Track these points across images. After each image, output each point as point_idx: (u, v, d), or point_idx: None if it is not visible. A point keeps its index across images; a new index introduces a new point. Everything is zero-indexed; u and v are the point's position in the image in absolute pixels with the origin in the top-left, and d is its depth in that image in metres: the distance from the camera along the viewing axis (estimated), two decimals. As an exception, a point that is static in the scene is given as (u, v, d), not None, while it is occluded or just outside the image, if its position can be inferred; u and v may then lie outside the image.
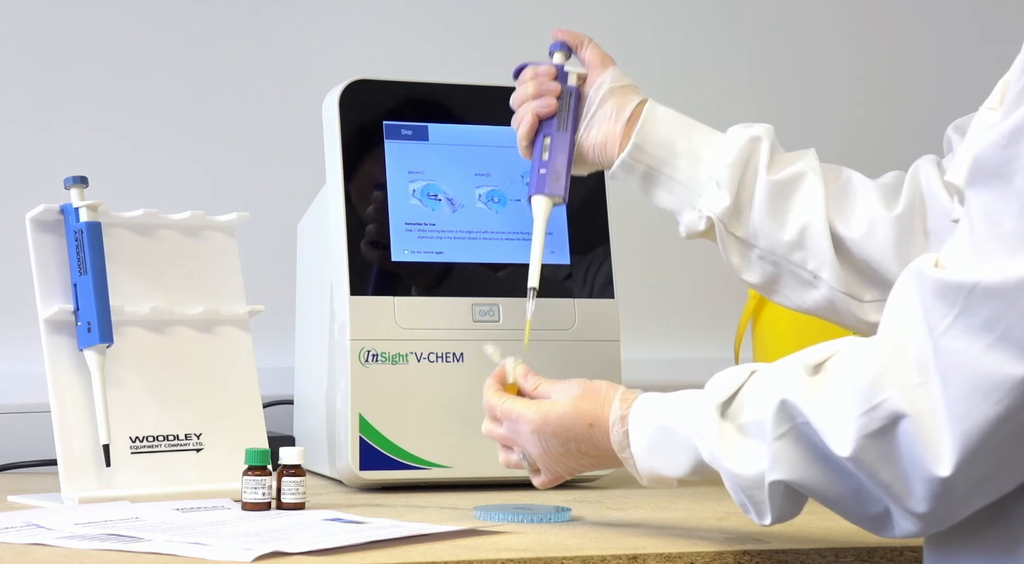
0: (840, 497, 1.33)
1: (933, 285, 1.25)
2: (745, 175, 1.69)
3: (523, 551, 1.44)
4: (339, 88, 1.95)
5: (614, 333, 1.97)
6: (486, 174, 1.98)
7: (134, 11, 2.33)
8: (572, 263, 1.97)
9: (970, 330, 1.23)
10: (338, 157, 1.93)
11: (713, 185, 1.69)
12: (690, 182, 1.71)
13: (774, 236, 1.68)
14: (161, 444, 1.80)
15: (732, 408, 1.40)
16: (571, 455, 1.57)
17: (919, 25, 2.76)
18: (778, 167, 1.70)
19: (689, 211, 1.72)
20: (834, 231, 1.67)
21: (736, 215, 1.69)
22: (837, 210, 1.68)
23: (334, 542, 1.43)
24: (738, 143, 1.70)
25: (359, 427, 1.88)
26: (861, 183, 1.70)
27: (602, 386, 1.56)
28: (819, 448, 1.31)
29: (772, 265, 1.70)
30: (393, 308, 1.91)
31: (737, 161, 1.69)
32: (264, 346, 1.98)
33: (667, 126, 1.73)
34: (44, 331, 1.76)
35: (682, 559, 1.47)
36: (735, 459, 1.38)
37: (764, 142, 1.70)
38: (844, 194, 1.69)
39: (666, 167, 1.72)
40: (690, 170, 1.72)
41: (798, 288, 1.70)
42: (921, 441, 1.24)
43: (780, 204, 1.68)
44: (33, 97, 2.29)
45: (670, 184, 1.72)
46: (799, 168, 1.69)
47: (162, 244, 1.85)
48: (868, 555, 1.53)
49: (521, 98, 1.79)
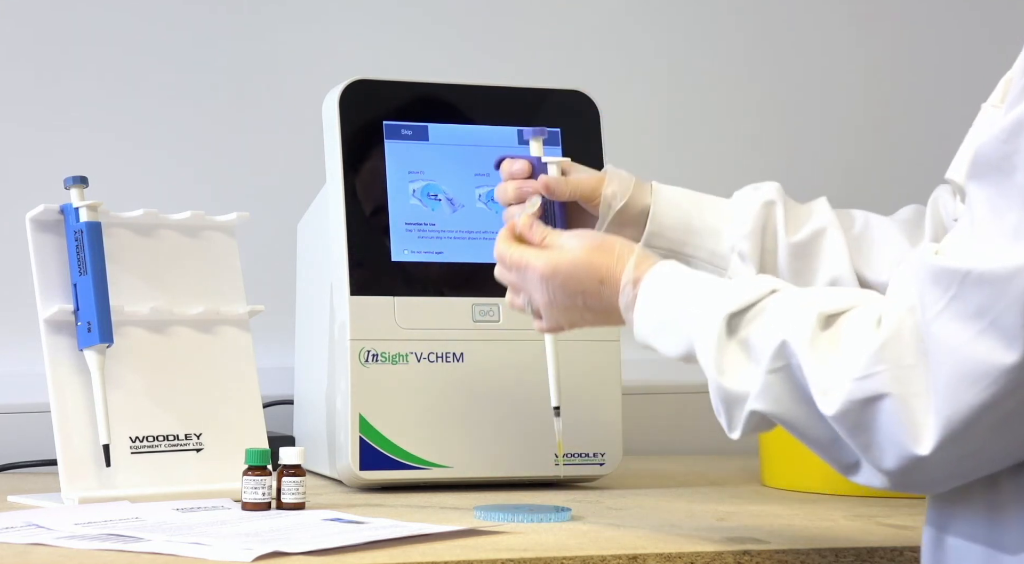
0: (816, 440, 1.34)
1: (930, 270, 1.26)
2: (765, 243, 1.70)
3: (523, 551, 1.44)
4: (339, 88, 1.95)
5: (614, 333, 1.97)
6: (486, 174, 1.98)
7: (134, 11, 2.33)
8: (572, 263, 1.97)
9: (961, 316, 1.24)
10: (338, 157, 1.93)
11: (736, 258, 1.70)
12: (712, 257, 1.72)
13: None
14: (161, 444, 1.80)
15: (740, 322, 1.39)
16: (576, 309, 1.55)
17: (920, 24, 2.76)
18: (795, 227, 1.70)
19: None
20: (862, 279, 1.68)
21: None
22: (860, 258, 1.69)
23: (334, 542, 1.43)
24: (752, 211, 1.70)
25: (359, 427, 1.88)
26: (879, 225, 1.71)
27: (616, 242, 1.53)
28: (807, 394, 1.32)
29: None
30: (393, 308, 1.91)
31: (755, 231, 1.70)
32: (264, 346, 1.98)
33: (677, 207, 1.73)
34: (44, 331, 1.76)
35: (682, 559, 1.47)
36: (725, 372, 1.38)
37: (778, 206, 1.70)
38: (864, 240, 1.70)
39: (686, 247, 1.73)
40: (710, 246, 1.72)
41: None
42: (902, 421, 1.26)
43: (806, 265, 1.69)
44: (33, 97, 2.29)
45: (693, 262, 1.72)
46: (817, 225, 1.70)
47: (162, 244, 1.85)
48: (868, 555, 1.53)
49: (504, 199, 1.76)
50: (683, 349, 1.44)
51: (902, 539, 1.58)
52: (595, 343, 1.93)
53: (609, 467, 1.96)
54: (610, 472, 1.96)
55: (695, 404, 2.29)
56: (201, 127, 2.36)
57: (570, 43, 1.92)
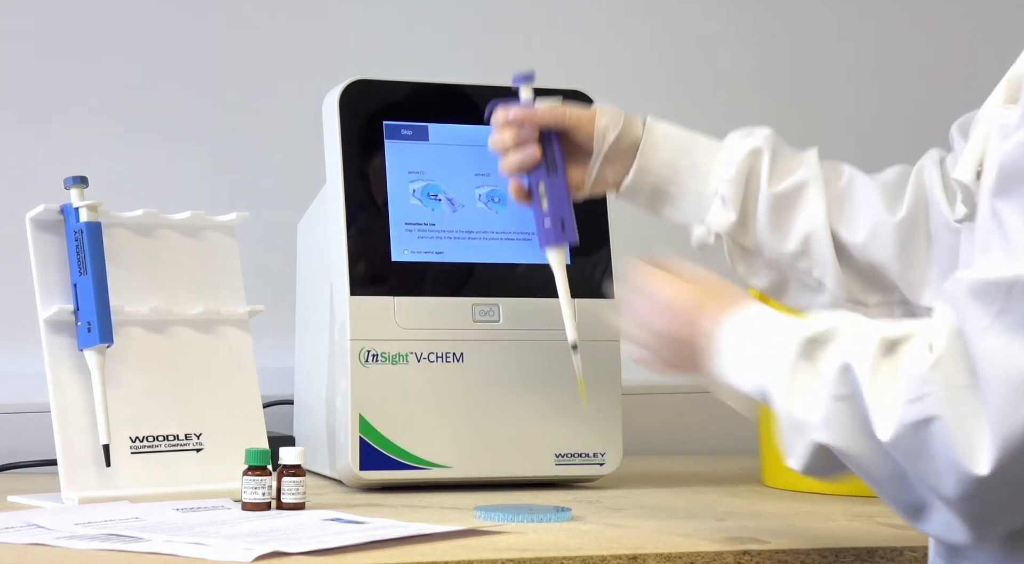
0: (881, 478, 1.30)
1: (969, 287, 1.24)
2: (748, 189, 1.72)
3: (523, 551, 1.44)
4: (339, 88, 1.95)
5: (614, 333, 1.96)
6: (486, 174, 1.98)
7: (134, 11, 2.33)
8: (572, 263, 1.97)
9: (1010, 328, 1.21)
10: (338, 157, 1.93)
11: (719, 201, 1.72)
12: (696, 198, 1.74)
13: (778, 247, 1.71)
14: (161, 444, 1.80)
15: (815, 348, 1.34)
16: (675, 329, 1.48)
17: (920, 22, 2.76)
18: (779, 178, 1.72)
19: (698, 226, 1.75)
20: (837, 237, 1.69)
21: (742, 228, 1.72)
22: (839, 215, 1.70)
23: (334, 542, 1.43)
24: (738, 157, 1.72)
25: (359, 427, 1.88)
26: (863, 185, 1.71)
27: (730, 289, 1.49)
28: (868, 424, 1.28)
29: (778, 272, 1.73)
30: (393, 308, 1.91)
31: (739, 176, 1.71)
32: (264, 346, 1.97)
33: (668, 145, 1.75)
34: (44, 331, 1.76)
35: (682, 559, 1.47)
36: (794, 397, 1.33)
37: (764, 154, 1.72)
38: (846, 198, 1.71)
39: (671, 186, 1.75)
40: (695, 187, 1.74)
41: (805, 293, 1.72)
42: (957, 441, 1.23)
43: (783, 216, 1.71)
44: (33, 97, 2.29)
45: (677, 202, 1.75)
46: (800, 177, 1.71)
47: (162, 244, 1.85)
48: (868, 555, 1.53)
49: (501, 146, 1.78)
50: (756, 381, 1.39)
51: (902, 539, 1.58)
52: (595, 343, 1.93)
53: (609, 467, 1.96)
54: (610, 472, 1.96)
55: (695, 404, 2.30)
56: (201, 127, 2.36)
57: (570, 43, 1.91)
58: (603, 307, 1.85)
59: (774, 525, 1.68)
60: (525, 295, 1.95)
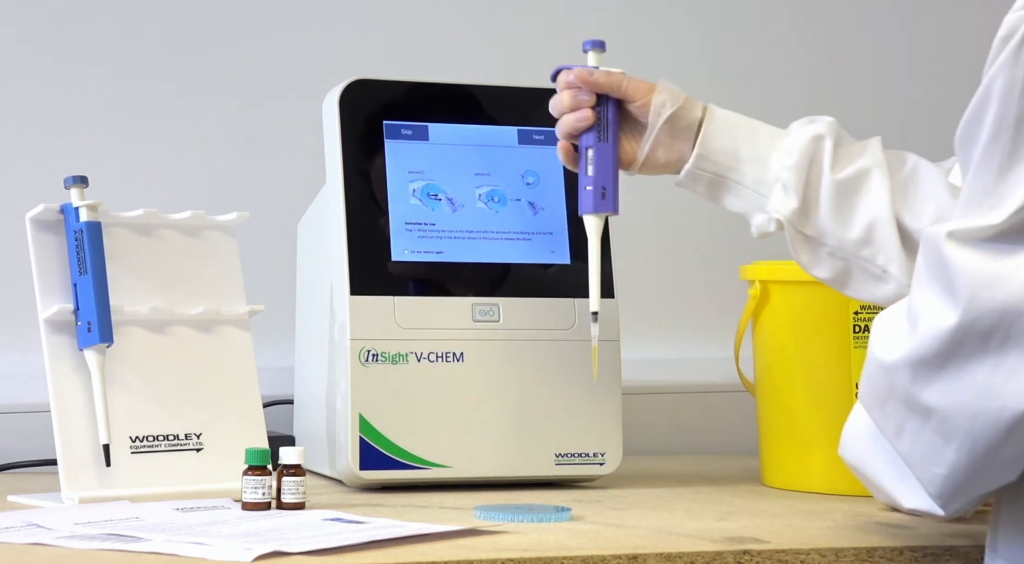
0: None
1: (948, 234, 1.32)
2: (810, 175, 1.71)
3: (523, 551, 1.44)
4: (339, 88, 1.95)
5: (614, 333, 1.97)
6: (486, 174, 1.98)
7: (134, 11, 2.33)
8: (572, 263, 1.97)
9: None
10: (338, 157, 1.93)
11: (780, 188, 1.71)
12: (757, 186, 1.73)
13: (842, 235, 1.70)
14: (161, 444, 1.80)
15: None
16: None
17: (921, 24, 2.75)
18: (842, 164, 1.71)
19: (759, 214, 1.74)
20: (901, 224, 1.69)
21: (804, 216, 1.71)
22: (903, 202, 1.69)
23: (334, 542, 1.43)
24: (800, 144, 1.71)
25: (359, 427, 1.88)
26: (927, 171, 1.71)
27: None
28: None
29: (842, 261, 1.71)
30: (393, 308, 1.90)
31: (801, 163, 1.71)
32: (264, 346, 1.97)
33: (729, 132, 1.75)
34: (44, 331, 1.76)
35: (682, 559, 1.47)
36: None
37: (827, 141, 1.71)
38: (910, 185, 1.70)
39: (732, 173, 1.74)
40: (756, 174, 1.73)
41: (869, 282, 1.71)
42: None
43: (846, 203, 1.70)
44: (33, 97, 2.29)
45: (738, 189, 1.74)
46: (863, 164, 1.71)
47: (162, 244, 1.85)
48: (868, 555, 1.53)
49: (558, 109, 1.80)
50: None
51: (902, 539, 1.58)
52: (595, 343, 1.93)
53: (609, 467, 1.96)
54: (610, 472, 1.96)
55: (695, 404, 2.30)
56: (201, 127, 2.35)
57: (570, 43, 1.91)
58: (603, 307, 1.85)
59: (774, 525, 1.68)
60: (525, 295, 1.95)
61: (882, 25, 2.73)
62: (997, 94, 1.29)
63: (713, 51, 2.64)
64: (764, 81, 2.66)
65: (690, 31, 2.62)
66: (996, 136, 1.29)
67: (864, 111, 2.68)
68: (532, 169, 1.99)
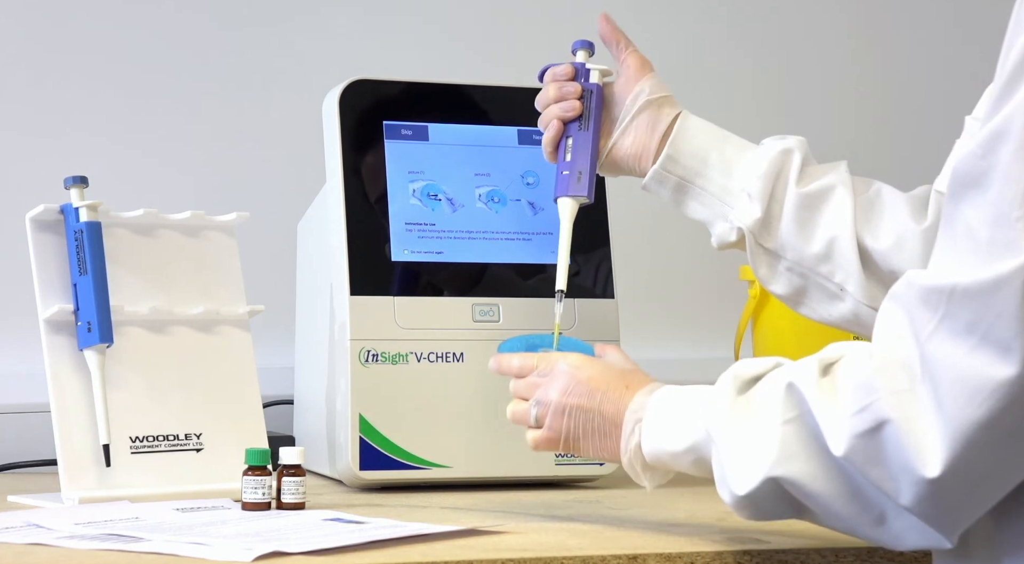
0: (836, 498, 1.32)
1: (918, 291, 1.26)
2: (776, 187, 1.70)
3: (523, 551, 1.44)
4: (339, 88, 1.96)
5: (614, 333, 1.97)
6: (486, 174, 1.98)
7: (134, 11, 2.33)
8: (572, 262, 1.97)
9: (954, 334, 1.23)
10: (338, 157, 1.93)
11: (745, 197, 1.70)
12: (722, 193, 1.72)
13: (802, 248, 1.69)
14: (161, 444, 1.80)
15: (749, 386, 1.40)
16: (590, 412, 1.55)
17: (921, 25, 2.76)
18: (808, 179, 1.70)
19: (720, 222, 1.73)
20: (861, 244, 1.68)
21: (766, 227, 1.70)
22: (865, 222, 1.68)
23: (334, 542, 1.43)
24: (769, 155, 1.71)
25: (359, 427, 1.88)
26: (891, 196, 1.70)
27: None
28: (820, 442, 1.31)
29: (799, 277, 1.71)
30: (393, 308, 1.91)
31: (768, 173, 1.70)
32: (264, 346, 1.98)
33: (700, 137, 1.74)
34: (44, 331, 1.76)
35: (682, 559, 1.47)
36: (740, 430, 1.37)
37: (796, 154, 1.71)
38: (873, 206, 1.69)
39: (698, 178, 1.73)
40: (722, 181, 1.72)
41: (825, 300, 1.70)
42: (907, 445, 1.25)
43: (809, 216, 1.69)
44: (33, 97, 2.29)
45: (702, 195, 1.73)
46: (829, 181, 1.70)
47: (162, 244, 1.85)
48: (868, 555, 1.53)
49: (544, 102, 1.80)
50: (692, 438, 1.44)
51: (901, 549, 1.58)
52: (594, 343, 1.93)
53: (609, 467, 1.96)
54: (610, 472, 1.96)
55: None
56: (201, 127, 2.36)
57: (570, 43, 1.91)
58: (603, 307, 1.85)
59: (774, 525, 1.67)
60: (525, 295, 1.95)
61: (881, 27, 2.74)
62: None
63: (713, 51, 2.64)
64: (764, 81, 2.67)
65: (690, 31, 2.62)
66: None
67: (865, 115, 2.69)
68: (532, 169, 1.99)
